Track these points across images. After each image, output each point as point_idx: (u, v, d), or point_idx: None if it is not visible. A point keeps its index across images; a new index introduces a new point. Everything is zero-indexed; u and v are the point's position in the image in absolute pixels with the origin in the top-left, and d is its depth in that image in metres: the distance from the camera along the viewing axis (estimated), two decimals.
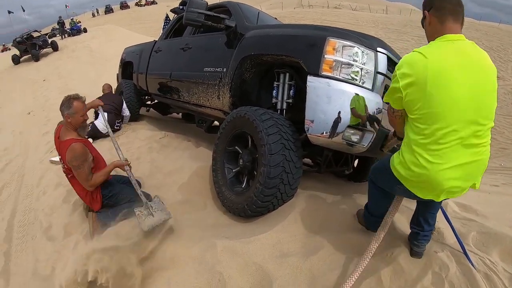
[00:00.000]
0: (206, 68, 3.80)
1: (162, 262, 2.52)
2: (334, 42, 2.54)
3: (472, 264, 2.07)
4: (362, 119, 2.44)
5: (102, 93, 6.14)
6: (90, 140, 5.02)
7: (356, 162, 3.99)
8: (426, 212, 2.13)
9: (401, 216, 2.59)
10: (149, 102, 6.65)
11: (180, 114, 6.88)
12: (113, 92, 6.34)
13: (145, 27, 40.86)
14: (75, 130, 3.05)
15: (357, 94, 2.44)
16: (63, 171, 3.16)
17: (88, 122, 3.37)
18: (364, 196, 2.85)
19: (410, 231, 2.24)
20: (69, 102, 2.98)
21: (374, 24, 34.89)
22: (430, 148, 1.70)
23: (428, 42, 1.83)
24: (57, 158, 5.50)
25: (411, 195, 1.92)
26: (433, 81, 1.65)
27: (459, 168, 1.71)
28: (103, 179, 3.06)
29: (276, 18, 4.94)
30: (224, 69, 3.50)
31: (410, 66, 1.73)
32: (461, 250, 2.18)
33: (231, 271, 2.28)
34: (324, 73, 2.53)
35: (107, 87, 6.25)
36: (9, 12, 31.43)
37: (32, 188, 4.85)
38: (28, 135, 7.85)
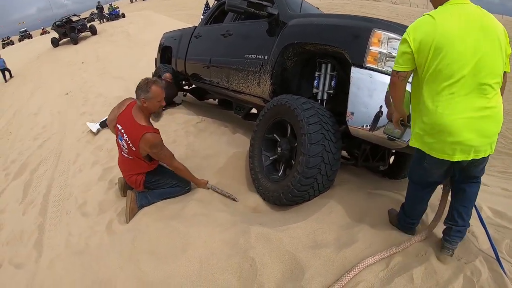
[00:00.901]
0: (247, 55, 3.86)
1: (195, 242, 2.61)
2: (379, 34, 2.54)
3: (504, 272, 2.06)
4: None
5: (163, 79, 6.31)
6: None
7: (391, 159, 3.96)
8: (460, 205, 2.14)
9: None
10: (186, 87, 6.79)
11: (217, 100, 6.99)
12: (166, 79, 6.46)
13: (182, 14, 41.38)
14: (148, 114, 3.10)
15: None
16: (118, 148, 3.29)
17: None
18: (399, 194, 2.87)
19: (444, 227, 2.23)
20: (147, 86, 2.95)
21: (414, 18, 33.84)
22: (441, 99, 1.85)
23: (434, 7, 1.98)
24: (95, 126, 5.73)
25: (437, 169, 2.05)
26: (440, 39, 1.82)
27: (470, 121, 1.82)
28: (185, 175, 3.26)
29: (317, 8, 4.93)
30: (266, 57, 3.54)
31: (420, 26, 1.91)
32: (494, 257, 2.16)
33: (264, 258, 2.34)
34: (368, 64, 2.54)
35: (169, 76, 6.30)
36: None
37: (68, 165, 5.11)
38: (66, 115, 8.22)
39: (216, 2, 6.21)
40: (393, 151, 3.53)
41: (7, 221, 4.41)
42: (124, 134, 3.08)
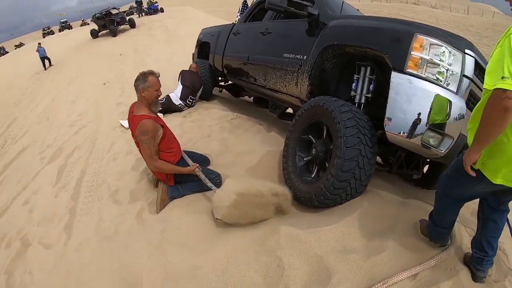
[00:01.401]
0: (286, 54, 3.87)
1: (224, 237, 2.65)
2: (421, 39, 2.52)
3: None
4: (443, 122, 2.40)
5: (189, 69, 6.51)
6: (161, 115, 5.35)
7: (425, 168, 3.89)
8: (490, 235, 2.09)
9: (466, 230, 2.60)
10: (222, 83, 6.91)
11: (252, 97, 7.05)
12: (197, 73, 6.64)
13: (219, 11, 41.90)
14: (148, 105, 3.25)
15: (440, 95, 2.39)
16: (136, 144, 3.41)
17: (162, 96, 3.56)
18: (430, 205, 2.79)
19: (472, 255, 2.19)
20: (145, 77, 3.20)
21: (454, 24, 33.11)
22: None
23: None
24: (126, 123, 5.92)
25: (488, 190, 1.96)
26: None
27: None
28: (169, 171, 3.28)
29: (358, 10, 4.90)
30: (305, 57, 3.55)
31: None
32: None
33: (292, 259, 2.36)
34: (409, 70, 2.52)
35: (195, 66, 6.54)
36: None
37: (103, 152, 5.28)
38: (102, 104, 8.49)
39: (255, 0, 6.28)
40: (428, 160, 3.47)
41: (39, 203, 4.61)
42: (131, 130, 3.29)
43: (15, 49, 42.42)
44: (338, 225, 2.57)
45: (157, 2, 31.63)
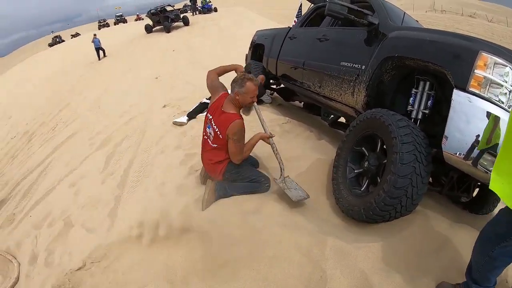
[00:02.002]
0: (343, 62, 3.84)
1: (269, 241, 2.67)
2: (486, 57, 2.44)
3: None
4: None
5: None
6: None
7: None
8: None
9: None
10: (274, 86, 6.94)
11: (303, 103, 6.99)
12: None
13: (273, 13, 42.33)
14: (239, 107, 3.31)
15: (502, 118, 2.32)
16: (205, 136, 3.46)
17: None
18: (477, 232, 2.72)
19: None
20: (243, 81, 3.21)
21: (511, 40, 31.56)
22: None
23: None
24: (182, 120, 6.07)
25: None
26: None
27: None
28: (250, 152, 3.37)
29: (417, 21, 4.81)
30: (363, 67, 3.51)
31: None
32: None
33: (335, 272, 2.34)
34: (471, 89, 2.45)
35: (262, 78, 6.55)
36: None
37: (151, 145, 5.46)
38: (154, 98, 8.79)
39: (312, 5, 6.27)
40: (479, 183, 3.29)
41: (85, 187, 4.88)
42: (213, 122, 3.28)
43: (71, 38, 44.76)
44: (386, 242, 2.54)
45: (211, 2, 32.33)
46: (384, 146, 2.84)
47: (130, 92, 10.28)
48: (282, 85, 6.70)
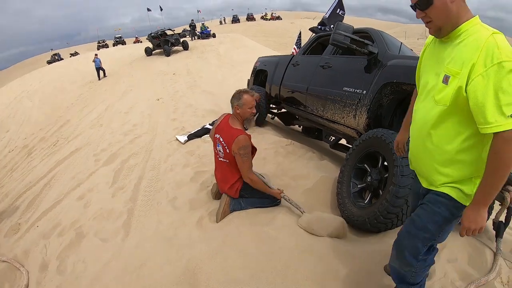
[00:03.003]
0: (346, 88, 4.15)
1: (283, 248, 2.90)
2: None
3: None
4: None
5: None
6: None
7: None
8: None
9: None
10: (275, 111, 7.23)
11: (301, 127, 7.27)
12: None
13: (267, 40, 43.12)
14: (241, 121, 3.56)
15: None
16: (216, 155, 3.68)
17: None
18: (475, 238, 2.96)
19: None
20: (240, 95, 3.49)
21: None
22: None
23: (445, 24, 1.62)
24: (183, 138, 6.31)
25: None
26: None
27: None
28: (259, 186, 3.51)
29: (412, 50, 5.17)
30: (364, 91, 3.83)
31: None
32: None
33: (345, 270, 2.65)
34: None
35: (258, 96, 6.88)
36: (148, 9, 35.98)
37: (159, 162, 5.65)
38: (156, 118, 9.02)
39: (314, 34, 6.63)
40: None
41: (95, 199, 4.99)
42: (221, 139, 3.52)
43: (70, 57, 45.05)
44: (388, 247, 2.77)
45: (209, 28, 32.96)
46: (385, 162, 3.12)
47: (132, 112, 10.50)
48: (282, 110, 6.99)
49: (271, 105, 6.97)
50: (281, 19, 71.90)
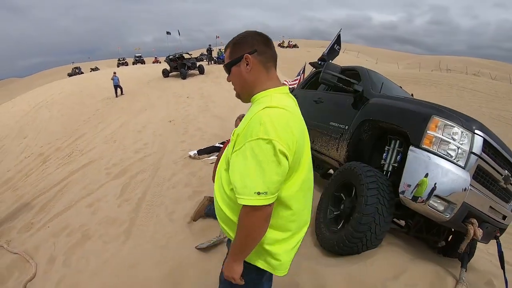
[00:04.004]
0: (332, 123, 4.55)
1: None
2: (437, 120, 3.11)
3: None
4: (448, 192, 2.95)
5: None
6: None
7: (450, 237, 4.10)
8: None
9: None
10: None
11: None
12: None
13: (283, 68, 43.52)
14: None
15: (448, 168, 2.97)
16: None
17: None
18: (438, 266, 3.18)
19: None
20: (240, 118, 3.98)
21: None
22: None
23: (241, 91, 1.69)
24: (193, 152, 6.89)
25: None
26: None
27: None
28: None
29: (401, 87, 5.56)
30: (346, 127, 4.20)
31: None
32: None
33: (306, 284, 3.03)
34: (423, 146, 3.10)
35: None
36: (168, 33, 36.66)
37: (164, 180, 6.17)
38: (167, 139, 9.55)
39: (314, 69, 7.14)
40: (453, 229, 3.83)
41: (102, 208, 5.54)
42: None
43: (90, 71, 46.11)
44: (350, 267, 3.13)
45: None
46: (357, 192, 3.43)
47: (144, 131, 11.04)
48: None
49: None
50: (298, 47, 72.75)
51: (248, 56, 1.57)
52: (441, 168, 3.00)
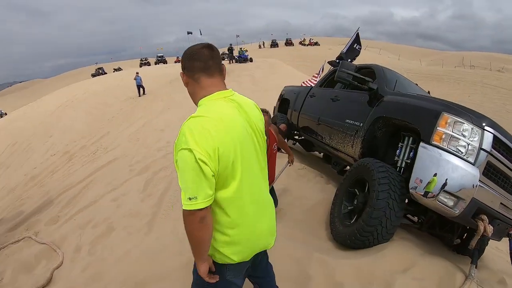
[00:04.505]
0: (348, 120, 4.64)
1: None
2: (447, 117, 3.16)
3: None
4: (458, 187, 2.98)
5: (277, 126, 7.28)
6: None
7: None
8: None
9: None
10: (297, 137, 7.66)
11: (322, 154, 7.63)
12: (281, 128, 7.23)
13: (303, 65, 43.51)
14: None
15: (458, 165, 3.03)
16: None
17: None
18: (447, 261, 3.22)
19: None
20: None
21: None
22: None
23: (192, 99, 1.84)
24: None
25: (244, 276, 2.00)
26: None
27: None
28: None
29: (417, 84, 5.63)
30: (361, 124, 4.28)
31: None
32: None
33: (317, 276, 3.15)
34: (434, 142, 3.16)
35: (284, 126, 7.23)
36: (189, 33, 36.50)
37: None
38: None
39: (331, 67, 7.21)
40: (467, 227, 3.78)
41: (126, 202, 5.83)
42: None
43: (113, 72, 46.94)
44: (360, 259, 3.23)
45: (247, 51, 33.67)
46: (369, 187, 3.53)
47: (167, 129, 11.31)
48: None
49: (293, 131, 7.39)
50: (319, 45, 72.24)
51: (181, 73, 1.83)
52: (450, 164, 3.05)
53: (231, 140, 1.60)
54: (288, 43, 75.02)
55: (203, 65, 1.75)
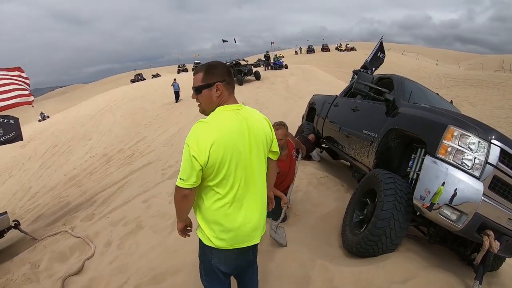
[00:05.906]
0: (365, 130, 4.75)
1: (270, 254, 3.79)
2: (453, 130, 3.15)
3: None
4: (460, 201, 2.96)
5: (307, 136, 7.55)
6: None
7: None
8: None
9: None
10: (324, 145, 7.66)
11: (349, 163, 7.76)
12: (309, 138, 7.49)
13: (341, 71, 42.82)
14: None
15: (462, 180, 3.01)
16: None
17: None
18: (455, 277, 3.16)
19: None
20: (274, 127, 4.20)
21: None
22: None
23: (208, 108, 2.20)
24: None
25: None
26: None
27: None
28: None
29: (437, 94, 5.63)
30: (376, 135, 4.37)
31: None
32: None
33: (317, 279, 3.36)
34: (439, 155, 3.15)
35: (312, 137, 7.47)
36: (224, 41, 36.86)
37: None
38: None
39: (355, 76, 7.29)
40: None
41: (156, 203, 6.25)
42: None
43: (152, 78, 48.15)
44: (361, 267, 3.34)
45: (283, 57, 33.52)
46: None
47: (187, 128, 11.62)
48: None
49: (320, 140, 7.44)
50: (356, 50, 71.16)
51: (220, 84, 2.11)
52: (454, 178, 3.03)
53: (223, 143, 2.00)
54: (325, 48, 74.11)
55: (233, 81, 2.22)
